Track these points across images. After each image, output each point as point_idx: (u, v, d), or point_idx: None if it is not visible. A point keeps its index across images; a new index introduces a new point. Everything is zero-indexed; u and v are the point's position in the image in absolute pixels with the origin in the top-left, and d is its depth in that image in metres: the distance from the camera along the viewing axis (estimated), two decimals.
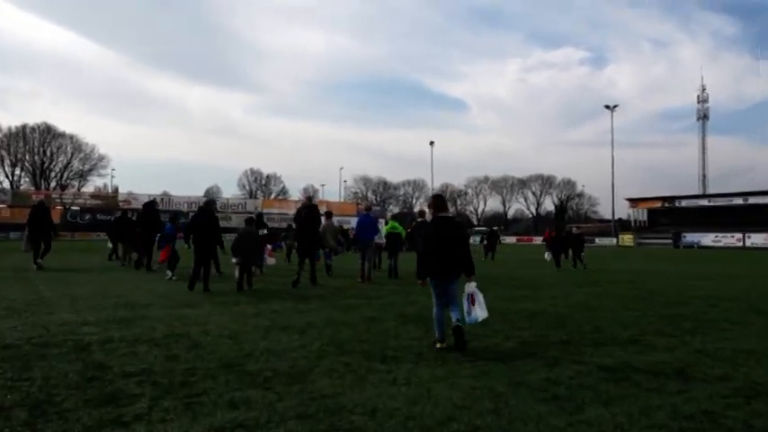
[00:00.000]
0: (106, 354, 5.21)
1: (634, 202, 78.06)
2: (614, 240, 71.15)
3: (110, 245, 19.57)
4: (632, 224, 77.41)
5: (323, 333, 6.42)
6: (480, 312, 5.57)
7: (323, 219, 13.36)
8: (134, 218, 18.47)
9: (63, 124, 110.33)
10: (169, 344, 5.70)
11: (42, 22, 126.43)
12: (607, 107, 77.25)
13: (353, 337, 6.20)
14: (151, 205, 16.78)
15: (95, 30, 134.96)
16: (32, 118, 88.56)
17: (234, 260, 10.88)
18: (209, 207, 11.28)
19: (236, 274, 10.76)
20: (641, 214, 78.35)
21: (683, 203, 72.84)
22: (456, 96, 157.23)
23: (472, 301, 5.59)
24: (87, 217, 68.71)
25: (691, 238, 63.80)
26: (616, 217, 77.64)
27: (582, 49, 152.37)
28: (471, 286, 5.64)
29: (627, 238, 70.44)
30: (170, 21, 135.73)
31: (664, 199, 74.71)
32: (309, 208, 12.28)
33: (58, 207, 68.46)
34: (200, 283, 10.38)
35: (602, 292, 11.48)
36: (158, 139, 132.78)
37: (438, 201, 6.07)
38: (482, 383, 4.38)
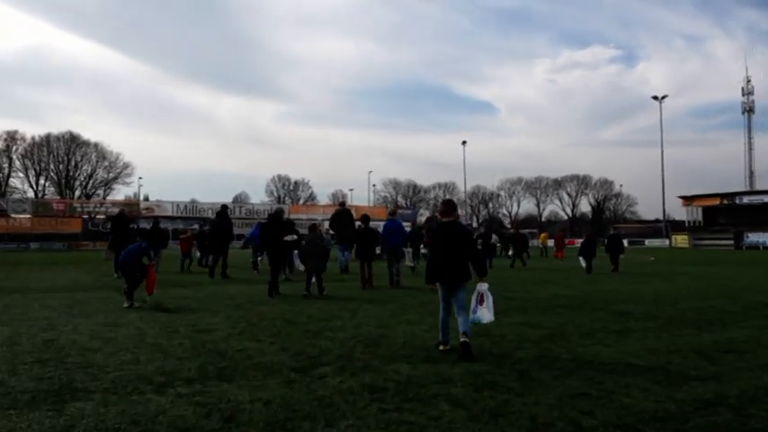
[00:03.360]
0: None
1: (688, 199, 71.61)
2: (666, 242, 65.21)
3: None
4: (686, 224, 71.05)
5: None
6: (487, 315, 5.33)
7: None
8: (155, 227, 18.75)
9: (95, 136, 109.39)
10: None
11: (74, 37, 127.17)
12: (655, 98, 71.78)
13: None
14: (224, 212, 16.29)
15: (128, 44, 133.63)
16: (62, 130, 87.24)
17: (302, 268, 11.19)
18: (278, 216, 11.59)
19: (306, 280, 10.76)
20: (694, 213, 72.00)
21: (745, 200, 66.25)
22: (484, 99, 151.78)
23: (481, 300, 5.35)
24: (109, 225, 66.32)
25: (754, 237, 57.38)
26: (656, 217, 71.74)
27: (611, 48, 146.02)
28: (483, 286, 5.37)
29: (681, 239, 64.34)
30: (200, 34, 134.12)
31: (722, 196, 68.14)
32: (342, 213, 13.72)
33: (84, 216, 66.50)
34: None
35: None
36: (188, 149, 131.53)
37: (445, 206, 5.85)
38: None
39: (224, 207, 16.65)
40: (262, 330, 6.64)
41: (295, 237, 12.38)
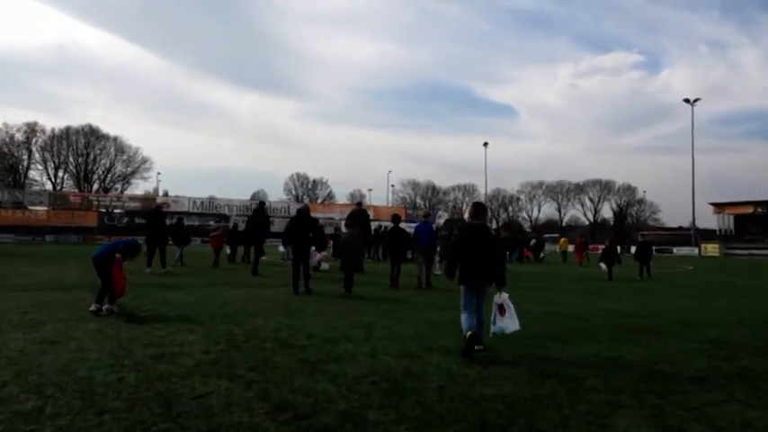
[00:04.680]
0: None
1: (719, 207, 68.62)
2: (695, 250, 62.40)
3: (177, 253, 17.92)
4: (718, 232, 68.04)
5: None
6: (511, 324, 5.36)
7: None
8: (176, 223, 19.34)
9: (114, 130, 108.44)
10: None
11: (95, 30, 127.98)
12: (687, 101, 68.86)
13: None
14: (261, 209, 16.69)
15: (149, 39, 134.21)
16: (82, 123, 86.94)
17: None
18: (304, 211, 11.53)
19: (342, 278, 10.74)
20: (725, 221, 68.96)
21: None
22: (504, 102, 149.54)
23: (501, 311, 5.39)
24: (125, 220, 66.39)
25: None
26: (680, 224, 68.83)
27: (635, 53, 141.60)
28: (503, 297, 5.44)
29: (711, 248, 61.46)
30: (222, 30, 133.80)
31: (756, 203, 65.06)
32: (358, 213, 14.48)
33: (101, 210, 65.95)
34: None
35: None
36: (207, 145, 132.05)
37: (475, 209, 5.97)
38: None
39: (261, 204, 17.10)
40: (243, 357, 4.88)
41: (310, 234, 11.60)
